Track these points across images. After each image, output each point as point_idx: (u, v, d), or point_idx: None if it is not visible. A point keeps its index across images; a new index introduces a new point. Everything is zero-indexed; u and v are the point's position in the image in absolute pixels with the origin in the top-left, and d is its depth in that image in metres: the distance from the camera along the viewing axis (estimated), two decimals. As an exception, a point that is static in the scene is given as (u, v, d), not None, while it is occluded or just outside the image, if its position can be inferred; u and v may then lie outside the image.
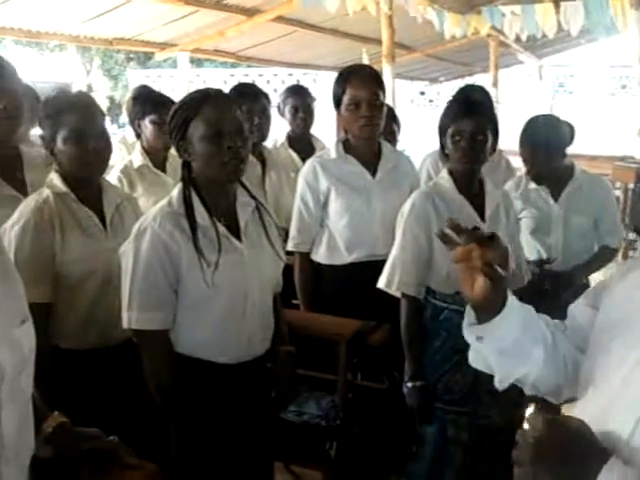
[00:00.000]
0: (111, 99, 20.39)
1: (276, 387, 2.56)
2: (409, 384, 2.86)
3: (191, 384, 2.37)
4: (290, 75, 18.59)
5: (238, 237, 2.40)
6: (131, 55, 20.96)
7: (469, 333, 1.53)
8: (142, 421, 2.55)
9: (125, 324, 2.36)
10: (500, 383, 1.59)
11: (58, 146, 2.58)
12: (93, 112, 2.63)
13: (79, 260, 2.56)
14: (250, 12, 7.92)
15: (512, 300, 1.49)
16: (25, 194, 2.76)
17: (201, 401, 2.37)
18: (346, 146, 3.35)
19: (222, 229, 2.35)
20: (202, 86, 2.95)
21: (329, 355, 2.99)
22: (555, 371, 1.59)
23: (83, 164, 2.56)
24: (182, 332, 2.38)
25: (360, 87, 3.17)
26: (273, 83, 18.58)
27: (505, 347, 1.51)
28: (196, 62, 15.22)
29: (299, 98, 4.67)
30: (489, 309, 1.47)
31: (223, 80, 18.66)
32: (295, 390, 2.72)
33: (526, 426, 1.25)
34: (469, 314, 1.52)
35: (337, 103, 3.26)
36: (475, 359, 1.60)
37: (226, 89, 2.79)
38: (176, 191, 2.40)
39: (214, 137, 2.28)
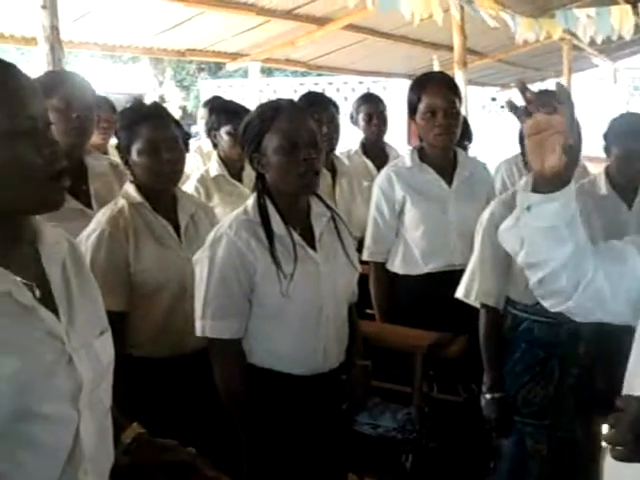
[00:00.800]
0: (183, 109, 20.71)
1: (348, 400, 2.53)
2: (487, 396, 2.80)
3: (264, 395, 2.35)
4: (360, 83, 18.57)
5: (313, 247, 2.37)
6: (202, 66, 21.26)
7: (523, 198, 1.56)
8: (214, 431, 2.54)
9: (198, 332, 2.36)
10: (525, 258, 1.60)
11: (133, 157, 2.60)
12: (167, 123, 2.65)
13: (153, 269, 2.57)
14: (321, 21, 7.94)
15: (571, 188, 1.52)
16: (90, 207, 2.80)
17: (274, 412, 2.36)
18: (421, 154, 3.31)
19: (298, 238, 2.33)
20: (273, 95, 2.95)
21: (404, 367, 2.95)
22: (571, 276, 1.58)
23: (157, 175, 2.58)
24: (256, 342, 2.36)
25: (437, 95, 3.13)
26: (343, 91, 18.58)
27: (545, 227, 1.54)
28: (266, 71, 15.33)
29: (373, 105, 4.66)
30: (552, 181, 1.50)
31: (293, 89, 18.75)
32: (367, 402, 2.68)
33: (619, 404, 1.24)
34: (529, 183, 1.57)
35: (412, 111, 3.21)
36: (506, 234, 1.64)
37: (295, 98, 2.77)
38: (251, 200, 2.39)
39: (289, 149, 2.26)
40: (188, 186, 3.75)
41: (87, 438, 1.41)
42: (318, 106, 3.90)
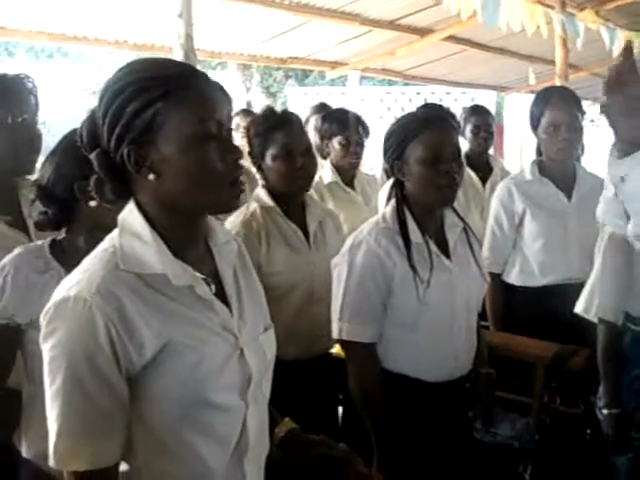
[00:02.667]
0: (270, 116, 20.84)
1: (474, 408, 2.56)
2: (605, 411, 2.78)
3: (394, 399, 2.39)
4: (448, 94, 18.45)
5: (447, 256, 2.42)
6: (289, 73, 21.45)
7: (614, 172, 1.58)
8: (340, 432, 2.60)
9: (335, 334, 2.42)
10: (634, 229, 1.64)
11: (266, 162, 2.70)
12: (300, 130, 2.74)
13: (283, 273, 2.65)
14: (422, 32, 7.97)
15: None
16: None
17: (404, 417, 2.40)
18: (541, 168, 3.33)
19: (434, 247, 2.38)
20: (360, 103, 2.99)
21: (525, 377, 2.96)
22: None
23: (290, 180, 2.67)
24: (390, 348, 2.41)
25: (561, 109, 3.15)
26: (430, 101, 18.50)
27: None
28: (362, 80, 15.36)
29: (481, 118, 4.66)
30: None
31: (380, 98, 18.76)
32: (492, 411, 2.71)
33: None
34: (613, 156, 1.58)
35: (535, 125, 3.23)
36: (608, 214, 1.73)
37: (383, 107, 2.81)
38: (389, 208, 2.44)
39: (432, 161, 2.30)
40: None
41: (252, 428, 1.48)
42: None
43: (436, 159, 2.30)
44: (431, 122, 2.35)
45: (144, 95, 1.33)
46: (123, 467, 1.39)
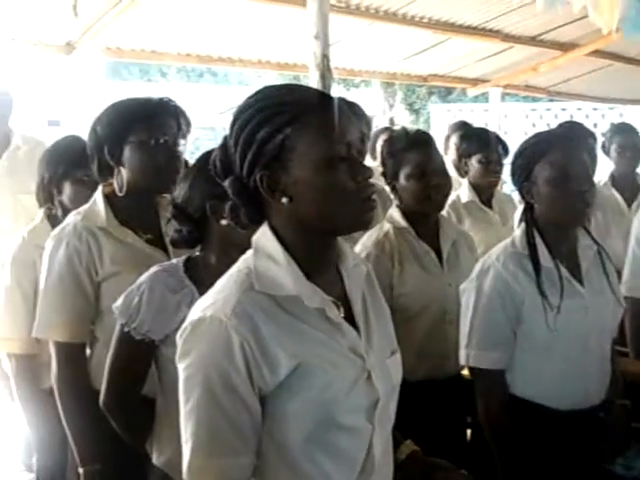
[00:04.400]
0: (412, 133, 20.84)
1: (607, 439, 2.46)
2: None
3: (523, 427, 2.33)
4: (595, 110, 17.91)
5: (580, 281, 2.34)
6: (432, 90, 21.37)
7: None
8: (467, 456, 2.56)
9: (462, 360, 2.39)
10: None
11: (400, 182, 2.70)
12: (434, 149, 2.73)
13: (415, 293, 2.64)
14: (565, 47, 7.77)
15: None
16: None
17: (532, 445, 2.33)
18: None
19: (565, 272, 2.31)
20: (504, 120, 2.93)
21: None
22: None
23: (424, 200, 2.66)
24: (519, 374, 2.35)
25: None
26: (576, 118, 18.00)
27: None
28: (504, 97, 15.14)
29: (627, 136, 4.49)
30: None
31: (524, 114, 18.41)
32: (626, 443, 2.59)
33: None
34: None
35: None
36: None
37: (527, 123, 2.75)
38: (519, 232, 2.39)
39: (561, 181, 2.24)
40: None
41: (377, 451, 1.48)
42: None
43: (564, 178, 2.24)
44: (559, 141, 2.29)
45: (273, 121, 1.36)
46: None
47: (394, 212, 2.76)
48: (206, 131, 16.39)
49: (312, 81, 3.59)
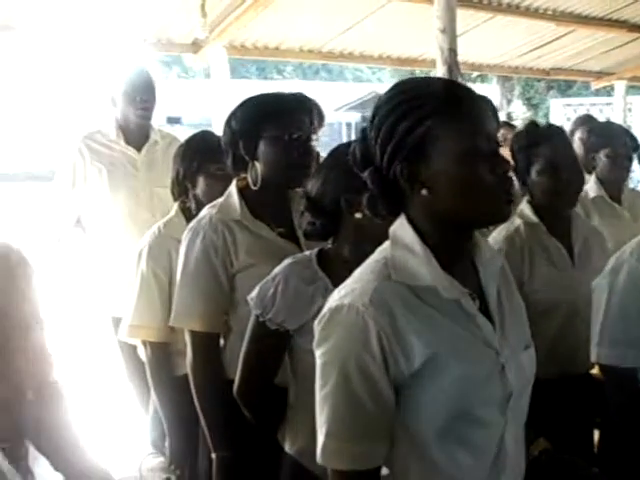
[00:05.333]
0: (530, 128, 20.44)
1: None
2: None
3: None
4: None
5: None
6: (552, 84, 20.90)
7: None
8: (595, 457, 2.50)
9: (594, 358, 2.33)
10: None
11: (532, 177, 2.65)
12: (566, 143, 2.67)
13: (545, 290, 2.59)
14: (696, 37, 7.46)
15: None
16: None
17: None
18: None
19: None
20: (628, 114, 2.84)
21: None
22: None
23: (555, 195, 2.60)
24: None
25: None
26: None
27: None
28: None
29: None
30: None
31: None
32: None
33: None
34: None
35: None
36: None
37: None
38: None
39: None
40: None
41: (509, 445, 1.48)
42: None
43: None
44: None
45: (415, 113, 1.37)
46: (383, 472, 1.43)
47: (525, 207, 2.72)
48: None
49: (438, 75, 3.57)
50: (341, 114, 21.96)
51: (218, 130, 2.56)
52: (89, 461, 1.86)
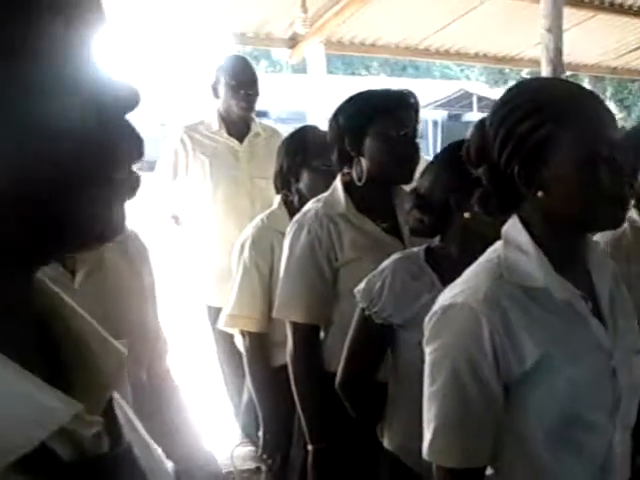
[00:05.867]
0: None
1: None
2: None
3: None
4: None
5: None
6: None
7: None
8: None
9: None
10: None
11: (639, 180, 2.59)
12: None
13: None
14: None
15: None
16: None
17: None
18: None
19: None
20: None
21: None
22: None
23: None
24: None
25: None
26: None
27: None
28: None
29: None
30: None
31: None
32: None
33: None
34: None
35: None
36: None
37: None
38: None
39: None
40: None
41: (617, 450, 1.46)
42: None
43: None
44: None
45: (535, 116, 1.38)
46: (487, 471, 1.44)
47: (632, 212, 2.66)
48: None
49: (542, 75, 3.52)
50: (428, 111, 21.83)
51: (313, 125, 2.58)
52: (196, 445, 1.90)
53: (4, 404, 0.51)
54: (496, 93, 25.84)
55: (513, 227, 1.45)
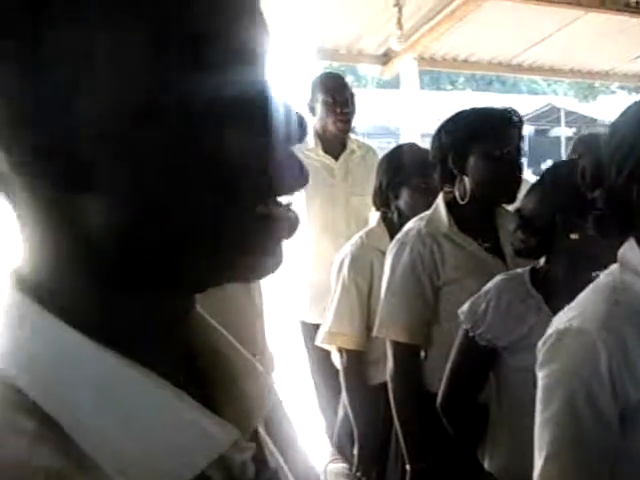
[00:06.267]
0: None
1: None
2: None
3: None
4: None
5: None
6: None
7: None
8: None
9: None
10: None
11: None
12: None
13: None
14: None
15: None
16: None
17: None
18: None
19: None
20: None
21: None
22: None
23: None
24: None
25: None
26: None
27: None
28: None
29: None
30: None
31: None
32: None
33: None
34: None
35: None
36: None
37: None
38: None
39: None
40: None
41: None
42: None
43: None
44: None
45: None
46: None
47: None
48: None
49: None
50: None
51: (406, 140, 2.57)
52: (304, 462, 1.92)
53: (172, 432, 0.53)
54: (585, 108, 25.36)
55: (630, 250, 1.41)
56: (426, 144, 2.60)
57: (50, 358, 0.53)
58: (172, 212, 0.52)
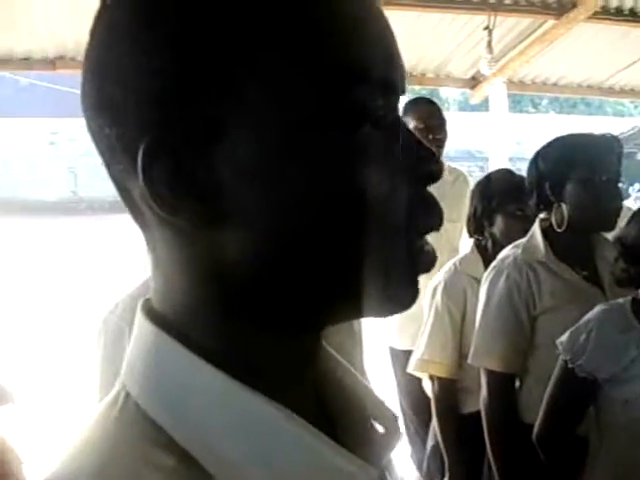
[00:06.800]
0: None
1: None
2: None
3: None
4: None
5: None
6: None
7: None
8: None
9: None
10: None
11: None
12: None
13: None
14: None
15: None
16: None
17: None
18: None
19: None
20: None
21: None
22: None
23: None
24: None
25: None
26: None
27: None
28: None
29: None
30: None
31: None
32: None
33: None
34: None
35: None
36: None
37: None
38: None
39: None
40: None
41: None
42: None
43: None
44: None
45: None
46: None
47: None
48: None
49: None
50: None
51: (495, 165, 2.54)
52: None
53: (314, 473, 0.53)
54: (675, 130, 24.70)
55: None
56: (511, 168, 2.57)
57: (187, 394, 0.53)
58: (321, 252, 0.53)
